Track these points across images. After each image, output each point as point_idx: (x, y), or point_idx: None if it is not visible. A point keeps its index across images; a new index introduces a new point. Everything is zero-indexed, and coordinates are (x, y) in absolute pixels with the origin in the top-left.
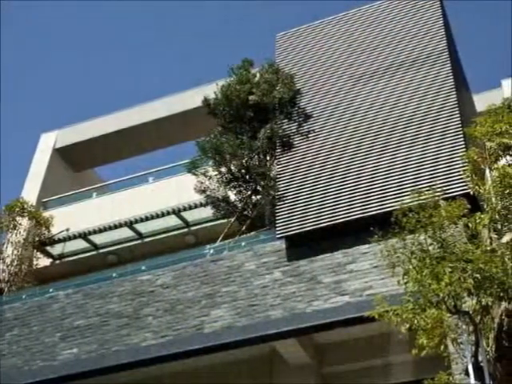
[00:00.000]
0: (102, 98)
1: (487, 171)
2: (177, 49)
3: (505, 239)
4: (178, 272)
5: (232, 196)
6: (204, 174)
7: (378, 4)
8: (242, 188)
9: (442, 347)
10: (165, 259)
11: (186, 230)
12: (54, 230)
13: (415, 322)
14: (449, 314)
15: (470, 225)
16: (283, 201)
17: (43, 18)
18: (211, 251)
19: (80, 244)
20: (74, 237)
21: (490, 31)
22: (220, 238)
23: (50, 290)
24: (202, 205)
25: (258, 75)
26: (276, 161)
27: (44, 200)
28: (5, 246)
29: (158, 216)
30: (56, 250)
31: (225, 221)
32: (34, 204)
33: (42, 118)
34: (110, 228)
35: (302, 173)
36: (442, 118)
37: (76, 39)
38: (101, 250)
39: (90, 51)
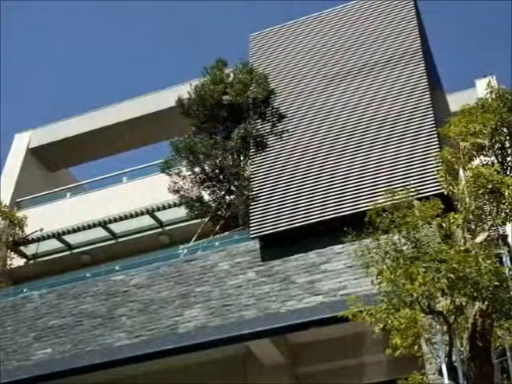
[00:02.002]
0: (77, 97)
1: (461, 171)
2: (152, 48)
3: (478, 239)
4: (151, 272)
5: (206, 196)
6: (178, 174)
7: (351, 4)
8: (215, 188)
9: (416, 347)
10: (139, 259)
11: (159, 230)
12: (28, 230)
13: (389, 322)
14: (423, 314)
15: (443, 225)
16: (257, 201)
17: (25, 18)
18: (185, 251)
19: (54, 244)
20: (48, 237)
21: (464, 31)
22: (194, 238)
23: (24, 290)
24: (175, 205)
25: (231, 75)
26: (250, 161)
27: (18, 200)
28: None
29: (131, 216)
30: (30, 249)
31: (199, 221)
32: (8, 204)
33: (15, 118)
34: (84, 228)
35: (276, 173)
36: (415, 118)
37: (51, 39)
38: (75, 250)
39: (67, 51)
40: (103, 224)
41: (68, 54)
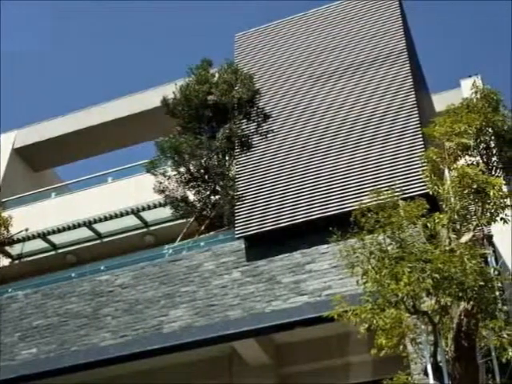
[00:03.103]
0: (62, 97)
1: (446, 171)
2: (137, 48)
3: (464, 239)
4: (136, 272)
5: (191, 196)
6: (163, 174)
7: (336, 4)
8: (200, 188)
9: (401, 347)
10: (124, 259)
11: (144, 230)
12: (13, 230)
13: (374, 322)
14: (408, 314)
15: (428, 225)
16: (242, 201)
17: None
18: (170, 251)
19: (39, 244)
20: (33, 237)
21: (449, 31)
22: (179, 239)
23: (9, 290)
24: (161, 205)
25: (216, 75)
26: (235, 161)
27: (3, 200)
28: None
29: (116, 216)
30: (15, 250)
31: (184, 221)
32: None
33: (0, 118)
34: (69, 228)
35: (261, 173)
36: (400, 118)
37: (37, 38)
38: (60, 250)
39: (53, 51)
40: (88, 224)
41: (54, 54)
